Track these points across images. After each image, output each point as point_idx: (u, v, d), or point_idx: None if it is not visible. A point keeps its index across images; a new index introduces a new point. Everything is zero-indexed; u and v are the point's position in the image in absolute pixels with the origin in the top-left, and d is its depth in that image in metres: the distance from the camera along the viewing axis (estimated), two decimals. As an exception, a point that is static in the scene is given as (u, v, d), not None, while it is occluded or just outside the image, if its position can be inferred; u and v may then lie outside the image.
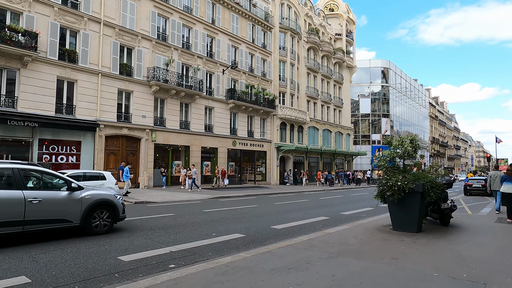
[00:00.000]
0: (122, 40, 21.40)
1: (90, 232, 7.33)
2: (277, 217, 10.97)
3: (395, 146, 8.41)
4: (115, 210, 7.80)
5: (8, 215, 6.13)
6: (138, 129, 21.95)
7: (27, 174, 6.85)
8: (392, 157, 8.32)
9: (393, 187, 7.86)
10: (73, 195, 7.10)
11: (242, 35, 30.69)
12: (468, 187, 24.62)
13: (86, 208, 7.21)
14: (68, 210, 6.97)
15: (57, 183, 7.20)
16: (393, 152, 8.33)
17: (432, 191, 7.79)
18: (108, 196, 7.77)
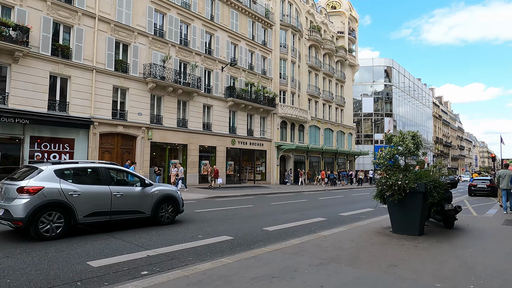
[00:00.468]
0: (117, 36, 20.93)
1: (158, 222, 8.49)
2: (271, 218, 10.43)
3: (396, 143, 7.85)
4: (177, 204, 8.94)
5: (99, 206, 7.38)
6: (134, 127, 21.47)
7: (111, 172, 8.05)
8: (393, 155, 7.76)
9: (393, 186, 7.30)
10: (145, 190, 8.32)
11: (242, 32, 30.15)
12: (472, 188, 23.96)
13: (156, 201, 8.42)
14: (141, 203, 8.18)
15: (132, 180, 8.57)
16: (394, 150, 7.76)
17: (435, 191, 7.22)
18: (171, 192, 8.96)
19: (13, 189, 6.64)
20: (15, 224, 6.46)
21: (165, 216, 8.62)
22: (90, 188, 7.32)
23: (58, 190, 6.81)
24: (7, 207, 6.53)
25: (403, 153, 7.67)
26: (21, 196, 6.51)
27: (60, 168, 7.18)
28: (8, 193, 6.73)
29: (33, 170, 7.08)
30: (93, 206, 7.25)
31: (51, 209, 6.68)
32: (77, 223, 7.09)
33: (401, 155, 7.74)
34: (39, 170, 6.97)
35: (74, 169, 7.55)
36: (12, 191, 6.65)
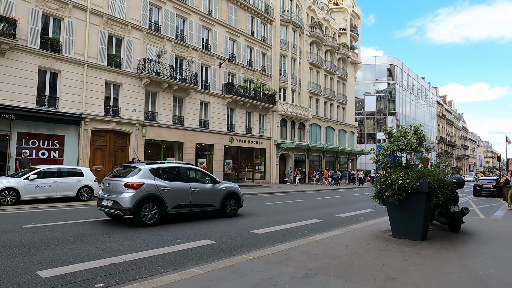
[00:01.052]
0: (110, 30, 20.27)
1: (225, 215, 9.75)
2: (263, 219, 9.72)
3: (397, 137, 7.11)
4: (239, 199, 10.22)
5: (183, 200, 8.72)
6: (127, 123, 20.82)
7: (189, 171, 9.42)
8: (393, 151, 7.02)
9: (393, 186, 6.57)
10: (215, 187, 9.63)
11: (240, 27, 29.43)
12: (478, 188, 23.18)
13: (223, 197, 9.72)
14: (212, 198, 9.47)
15: (204, 178, 9.73)
16: (394, 145, 7.03)
17: (440, 191, 6.49)
18: (235, 189, 10.19)
19: (120, 185, 8.02)
20: (124, 213, 7.90)
21: (231, 209, 9.92)
22: (175, 185, 8.67)
23: (154, 185, 8.22)
24: (116, 199, 7.96)
25: (404, 149, 6.94)
26: (128, 190, 7.91)
27: (154, 168, 8.59)
28: (115, 188, 8.15)
29: (132, 169, 8.48)
30: (178, 200, 8.61)
31: (149, 201, 8.05)
32: (167, 214, 8.42)
33: (402, 151, 7.00)
34: (138, 169, 8.36)
35: (163, 168, 8.87)
36: (119, 186, 8.04)
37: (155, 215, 8.10)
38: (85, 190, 13.70)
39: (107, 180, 8.65)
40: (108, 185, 8.43)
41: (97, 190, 14.29)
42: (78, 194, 13.45)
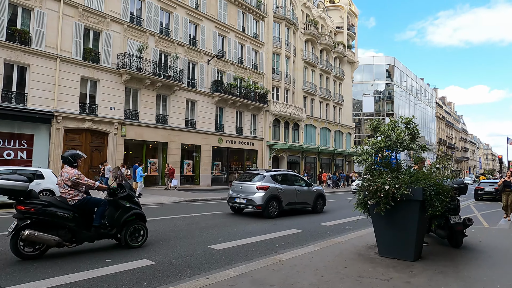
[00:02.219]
0: (86, 22, 18.97)
1: (316, 212, 12.35)
2: (231, 229, 8.36)
3: (384, 132, 5.77)
4: (324, 199, 12.89)
5: (291, 199, 11.31)
6: (105, 122, 19.48)
7: (292, 176, 12.24)
8: (379, 148, 5.69)
9: (378, 192, 5.24)
10: (310, 188, 12.28)
11: (231, 23, 28.16)
12: (479, 191, 21.82)
13: (315, 197, 12.32)
14: (308, 198, 12.06)
15: (301, 182, 12.24)
16: (381, 141, 5.69)
17: (436, 198, 5.15)
18: (322, 191, 12.88)
19: (253, 187, 10.75)
20: (257, 208, 10.50)
21: (320, 207, 12.55)
22: (287, 187, 11.28)
23: (275, 188, 10.86)
24: (249, 197, 10.62)
25: (393, 146, 5.59)
26: (259, 191, 10.57)
27: (273, 174, 11.39)
28: (248, 189, 10.86)
29: (257, 175, 11.38)
30: (288, 198, 11.22)
31: (273, 199, 10.65)
32: (282, 209, 10.95)
33: (391, 149, 5.67)
34: (263, 175, 11.12)
35: (278, 175, 11.64)
36: (252, 188, 10.76)
37: (276, 209, 10.68)
38: (45, 194, 12.31)
39: (237, 183, 11.56)
40: (241, 187, 11.17)
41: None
42: (36, 198, 12.07)
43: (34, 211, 5.19)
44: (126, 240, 6.01)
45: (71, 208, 5.53)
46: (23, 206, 5.18)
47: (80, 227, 5.55)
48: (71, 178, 5.58)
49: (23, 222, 5.17)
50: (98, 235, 5.75)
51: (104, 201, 5.95)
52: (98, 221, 5.71)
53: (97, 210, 5.81)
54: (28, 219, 5.19)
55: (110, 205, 5.97)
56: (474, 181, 75.91)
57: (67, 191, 5.59)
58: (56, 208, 5.38)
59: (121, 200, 6.06)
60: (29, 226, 5.16)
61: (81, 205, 5.64)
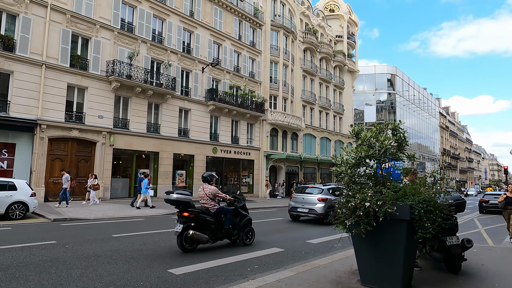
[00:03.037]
0: (75, 28, 18.50)
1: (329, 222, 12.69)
2: (206, 247, 7.53)
3: (366, 139, 4.99)
4: None
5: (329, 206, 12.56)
6: (93, 131, 18.83)
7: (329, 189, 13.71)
8: (360, 158, 4.89)
9: (357, 210, 4.43)
10: None
11: (226, 31, 27.70)
12: (484, 204, 20.81)
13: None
14: None
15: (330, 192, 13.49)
16: (362, 150, 4.90)
17: (427, 218, 4.34)
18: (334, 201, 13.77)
19: (314, 199, 13.10)
20: (319, 216, 12.80)
21: None
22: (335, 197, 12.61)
23: (331, 199, 12.36)
24: (311, 207, 12.95)
25: (376, 156, 4.79)
26: (320, 202, 12.92)
27: (329, 188, 13.63)
28: (310, 201, 13.19)
29: (316, 189, 13.89)
30: None
31: (330, 209, 11.32)
32: None
33: (374, 158, 4.87)
34: (321, 189, 13.62)
35: (332, 188, 13.39)
36: (314, 200, 13.11)
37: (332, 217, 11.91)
38: (17, 207, 11.60)
39: (298, 195, 13.85)
40: (302, 199, 13.45)
41: (35, 206, 12.24)
42: (7, 211, 11.35)
43: (193, 217, 7.08)
44: (242, 239, 7.96)
45: (212, 215, 7.41)
46: (187, 213, 7.07)
47: (218, 229, 7.44)
48: (212, 193, 7.49)
49: (188, 225, 7.00)
50: (227, 235, 7.71)
51: (230, 209, 7.78)
52: (228, 225, 7.57)
53: (225, 216, 7.58)
54: (191, 223, 7.04)
55: (233, 212, 7.81)
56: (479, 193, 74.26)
57: (209, 202, 7.46)
58: (205, 215, 7.29)
59: (240, 209, 7.99)
60: (190, 228, 7.00)
61: (218, 213, 7.48)
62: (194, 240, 7.03)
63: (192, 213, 7.06)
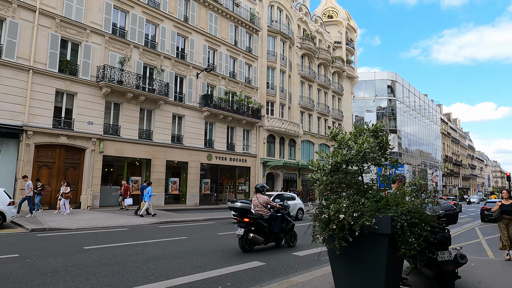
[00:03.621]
0: (64, 33, 18.17)
1: None
2: (178, 262, 6.95)
3: (343, 142, 4.46)
4: None
5: None
6: (82, 137, 18.37)
7: None
8: (336, 164, 4.36)
9: (331, 223, 3.88)
10: None
11: (222, 36, 27.39)
12: (486, 212, 20.11)
13: None
14: None
15: None
16: (337, 154, 4.38)
17: (411, 232, 3.79)
18: None
19: None
20: None
21: None
22: None
23: None
24: None
25: (353, 161, 4.26)
26: None
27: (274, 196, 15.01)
28: None
29: None
30: None
31: None
32: None
33: (352, 163, 4.33)
34: None
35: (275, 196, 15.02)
36: None
37: None
38: (-6, 216, 11.08)
39: None
40: None
41: (13, 215, 11.72)
42: (-18, 221, 10.84)
43: (252, 222, 8.27)
44: (288, 242, 9.10)
45: (266, 220, 8.54)
46: (248, 219, 8.22)
47: (269, 232, 8.56)
48: (265, 201, 8.64)
49: (248, 229, 8.16)
50: (276, 238, 8.85)
51: (279, 216, 8.80)
52: (277, 229, 8.67)
53: (275, 222, 8.67)
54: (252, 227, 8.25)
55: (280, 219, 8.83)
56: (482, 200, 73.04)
57: (262, 210, 8.60)
58: (261, 220, 8.45)
59: (286, 215, 9.10)
60: (251, 231, 8.16)
61: (270, 219, 8.59)
62: (252, 241, 8.19)
63: (252, 219, 8.30)
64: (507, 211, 8.19)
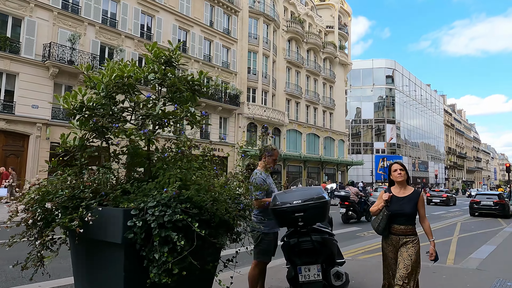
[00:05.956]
0: (3, 7, 16.40)
1: None
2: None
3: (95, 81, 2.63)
4: None
5: None
6: (25, 122, 16.70)
7: None
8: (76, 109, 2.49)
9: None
10: None
11: (195, 16, 25.41)
12: (475, 205, 18.11)
13: None
14: None
15: None
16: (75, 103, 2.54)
17: (161, 239, 1.93)
18: None
19: None
20: None
21: None
22: None
23: None
24: None
25: (93, 108, 2.42)
26: None
27: None
28: None
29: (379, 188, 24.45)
30: None
31: None
32: None
33: (95, 113, 2.49)
34: None
35: None
36: None
37: None
38: None
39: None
40: None
41: None
42: None
43: (350, 204, 12.81)
44: (367, 218, 13.00)
45: (356, 204, 13.15)
46: (348, 202, 12.81)
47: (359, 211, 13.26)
48: (356, 191, 13.53)
49: (347, 209, 12.78)
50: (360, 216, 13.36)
51: (363, 201, 13.54)
52: (362, 209, 13.31)
53: (360, 205, 13.33)
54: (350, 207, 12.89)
55: None
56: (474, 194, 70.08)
57: (354, 197, 13.08)
58: (354, 204, 12.98)
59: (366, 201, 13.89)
60: (349, 210, 12.89)
61: (358, 203, 13.34)
62: (349, 217, 12.72)
63: (350, 203, 12.76)
64: (400, 214, 3.32)
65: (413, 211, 3.30)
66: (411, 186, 3.48)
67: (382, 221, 3.32)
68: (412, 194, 3.36)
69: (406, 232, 3.28)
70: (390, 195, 3.36)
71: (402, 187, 3.42)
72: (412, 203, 3.31)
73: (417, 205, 3.32)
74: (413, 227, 3.32)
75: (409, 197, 3.34)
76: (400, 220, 3.30)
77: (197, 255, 2.01)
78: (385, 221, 3.30)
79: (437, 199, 27.27)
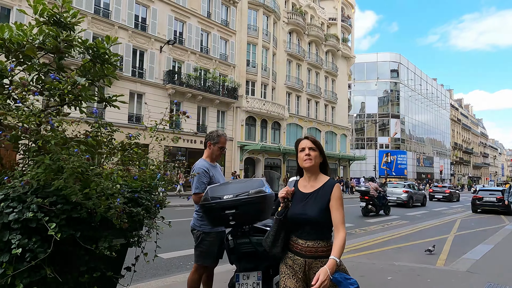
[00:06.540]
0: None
1: None
2: None
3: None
4: None
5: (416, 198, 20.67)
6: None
7: None
8: None
9: None
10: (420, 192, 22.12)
11: (192, 7, 24.85)
12: (477, 202, 17.47)
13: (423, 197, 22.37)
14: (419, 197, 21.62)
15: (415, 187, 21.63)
16: None
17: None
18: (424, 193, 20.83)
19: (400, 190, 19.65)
20: (404, 202, 19.04)
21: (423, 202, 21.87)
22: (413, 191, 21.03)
23: (410, 191, 20.33)
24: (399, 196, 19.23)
25: None
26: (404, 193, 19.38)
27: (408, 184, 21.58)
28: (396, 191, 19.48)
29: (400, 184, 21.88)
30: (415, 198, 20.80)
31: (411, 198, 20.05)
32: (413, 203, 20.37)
33: None
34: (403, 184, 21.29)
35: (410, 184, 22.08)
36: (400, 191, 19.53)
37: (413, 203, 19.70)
38: None
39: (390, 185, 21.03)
40: (392, 190, 19.14)
41: None
42: None
43: (369, 199, 13.87)
44: (385, 212, 14.75)
45: (376, 198, 14.15)
46: (368, 197, 13.88)
47: (378, 205, 14.46)
48: (375, 187, 14.40)
49: (367, 203, 13.90)
50: (379, 210, 14.58)
51: (381, 196, 14.73)
52: (381, 203, 14.62)
53: (379, 200, 14.45)
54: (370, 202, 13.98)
55: None
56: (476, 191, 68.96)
57: (374, 192, 14.05)
58: (374, 198, 14.02)
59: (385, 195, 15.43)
60: (369, 204, 14.00)
61: (377, 197, 14.36)
62: (368, 210, 13.90)
63: (369, 197, 13.84)
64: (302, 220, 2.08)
65: (319, 216, 2.01)
66: (326, 175, 2.17)
67: (271, 231, 2.12)
68: (323, 188, 2.09)
69: (316, 251, 2.02)
70: (290, 191, 2.12)
71: (312, 177, 2.14)
72: (320, 202, 2.04)
73: (327, 205, 2.03)
74: (326, 243, 2.04)
75: (316, 193, 2.08)
76: (304, 231, 2.04)
77: (66, 264, 1.55)
78: (274, 231, 2.09)
79: (440, 195, 26.62)
